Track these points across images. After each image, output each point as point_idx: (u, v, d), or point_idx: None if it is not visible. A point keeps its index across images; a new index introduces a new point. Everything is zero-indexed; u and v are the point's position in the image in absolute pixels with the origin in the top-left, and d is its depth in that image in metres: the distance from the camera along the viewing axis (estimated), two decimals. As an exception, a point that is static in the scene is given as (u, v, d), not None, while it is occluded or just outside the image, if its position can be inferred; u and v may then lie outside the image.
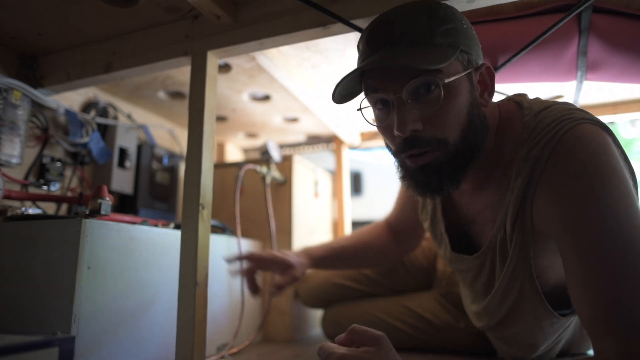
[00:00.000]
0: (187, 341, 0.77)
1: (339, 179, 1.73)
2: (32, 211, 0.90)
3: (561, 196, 0.61)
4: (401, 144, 0.66)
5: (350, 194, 1.73)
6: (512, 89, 1.09)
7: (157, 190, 1.36)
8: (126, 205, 1.29)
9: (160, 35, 0.95)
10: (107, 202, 0.79)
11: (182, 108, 1.43)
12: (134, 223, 0.87)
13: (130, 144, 1.28)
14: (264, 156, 1.31)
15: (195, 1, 0.80)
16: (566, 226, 0.60)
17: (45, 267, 0.74)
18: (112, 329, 0.77)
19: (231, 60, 1.11)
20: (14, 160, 0.98)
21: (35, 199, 1.01)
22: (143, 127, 1.39)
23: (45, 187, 1.08)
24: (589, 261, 0.57)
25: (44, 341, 0.58)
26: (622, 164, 0.62)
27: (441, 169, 0.66)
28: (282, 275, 0.95)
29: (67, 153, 1.16)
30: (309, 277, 1.30)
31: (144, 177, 1.32)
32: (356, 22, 0.77)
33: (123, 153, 1.25)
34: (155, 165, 1.37)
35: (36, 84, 1.07)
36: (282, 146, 1.87)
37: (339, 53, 1.09)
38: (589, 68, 0.91)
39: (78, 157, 1.16)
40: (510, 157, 0.69)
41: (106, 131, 1.24)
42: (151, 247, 0.86)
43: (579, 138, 0.61)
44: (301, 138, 1.78)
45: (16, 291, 0.75)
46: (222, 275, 1.09)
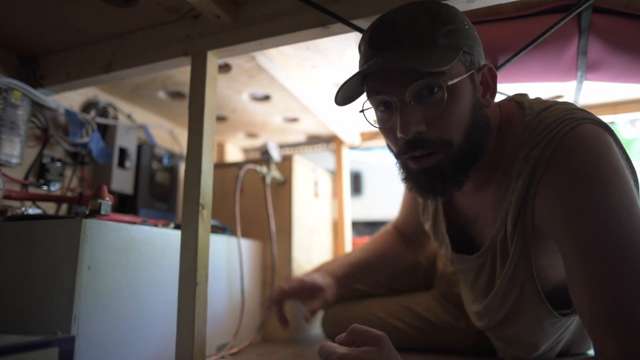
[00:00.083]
0: (187, 341, 0.77)
1: (339, 179, 1.73)
2: (32, 211, 0.90)
3: (562, 196, 0.61)
4: (404, 146, 0.66)
5: (350, 194, 1.73)
6: (512, 89, 1.09)
7: (157, 190, 1.36)
8: (126, 205, 1.29)
9: (160, 35, 0.95)
10: (107, 202, 0.79)
11: (182, 108, 1.43)
12: (134, 223, 0.87)
13: (130, 144, 1.28)
14: (264, 156, 1.31)
15: (195, 1, 0.80)
16: (567, 226, 0.60)
17: (45, 267, 0.74)
18: (112, 329, 0.76)
19: (231, 60, 1.11)
20: (14, 160, 0.98)
21: (35, 199, 1.01)
22: (143, 127, 1.39)
23: (45, 187, 1.08)
24: (590, 261, 0.57)
25: (44, 341, 0.58)
26: (623, 163, 0.62)
27: (445, 171, 0.66)
28: (312, 300, 0.92)
29: (67, 153, 1.16)
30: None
31: (144, 177, 1.32)
32: (356, 22, 0.77)
33: (123, 153, 1.25)
34: (155, 165, 1.36)
35: (36, 84, 1.07)
36: (282, 146, 1.87)
37: (339, 53, 1.09)
38: (589, 68, 0.91)
39: (78, 157, 1.16)
40: (511, 157, 0.69)
41: (106, 131, 1.24)
42: (151, 247, 0.86)
43: (580, 138, 0.61)
44: (301, 138, 1.78)
45: (16, 291, 0.75)
46: (222, 275, 1.09)
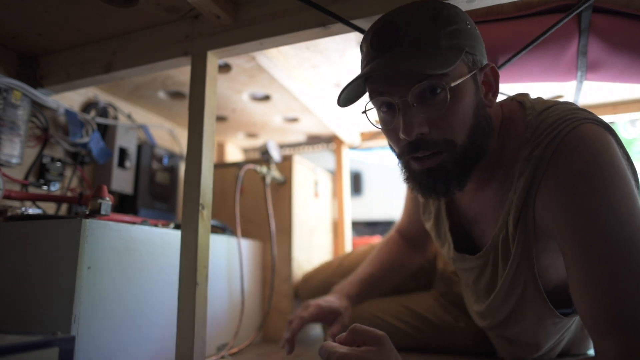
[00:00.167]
0: (187, 341, 0.77)
1: (339, 179, 1.73)
2: (32, 211, 0.90)
3: (563, 196, 0.61)
4: (406, 147, 0.66)
5: (350, 194, 1.73)
6: (513, 89, 1.09)
7: (157, 190, 1.36)
8: (126, 205, 1.29)
9: (160, 35, 0.95)
10: (107, 202, 0.79)
11: (182, 108, 1.43)
12: (134, 223, 0.87)
13: (130, 144, 1.28)
14: (264, 156, 1.31)
15: (195, 1, 0.80)
16: (568, 226, 0.60)
17: (45, 267, 0.74)
18: (112, 329, 0.76)
19: (231, 60, 1.11)
20: (14, 160, 0.98)
21: (35, 199, 1.01)
22: (143, 127, 1.39)
23: (45, 187, 1.08)
24: (592, 261, 0.57)
25: (44, 341, 0.58)
26: (624, 164, 0.62)
27: (448, 171, 0.66)
28: (331, 325, 0.93)
29: (67, 153, 1.16)
30: (309, 278, 1.30)
31: (144, 177, 1.32)
32: (356, 22, 0.77)
33: (123, 153, 1.25)
34: (155, 165, 1.36)
35: (36, 84, 1.07)
36: (282, 146, 1.87)
37: (339, 53, 1.08)
38: (589, 68, 0.91)
39: (78, 157, 1.16)
40: (513, 157, 0.69)
41: (106, 131, 1.24)
42: (151, 247, 0.86)
43: (581, 138, 0.61)
44: (301, 138, 1.77)
45: (16, 291, 0.75)
46: (222, 275, 1.09)
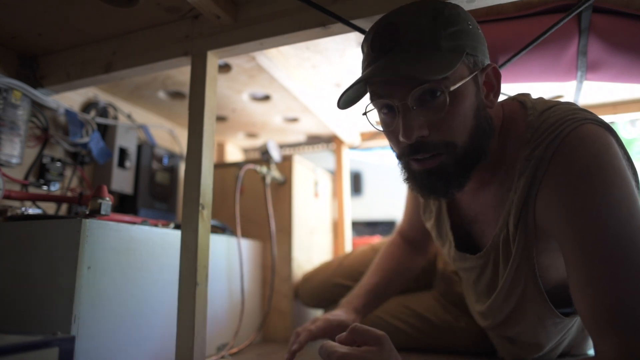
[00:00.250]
0: (187, 341, 0.77)
1: (339, 179, 1.73)
2: (32, 211, 0.90)
3: (564, 196, 0.61)
4: (406, 149, 0.66)
5: (350, 194, 1.73)
6: (513, 89, 1.09)
7: (157, 190, 1.36)
8: (126, 205, 1.29)
9: (160, 35, 0.95)
10: (107, 202, 0.79)
11: (182, 108, 1.43)
12: (134, 223, 0.87)
13: (130, 144, 1.28)
14: (264, 156, 1.31)
15: (195, 1, 0.80)
16: (568, 226, 0.60)
17: (45, 267, 0.74)
18: (112, 329, 0.76)
19: (231, 60, 1.11)
20: (14, 160, 0.98)
21: (35, 199, 1.01)
22: (143, 127, 1.39)
23: (45, 187, 1.08)
24: (592, 261, 0.58)
25: (44, 341, 0.58)
26: (625, 164, 0.62)
27: (448, 172, 0.66)
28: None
29: (67, 153, 1.16)
30: (309, 278, 1.30)
31: (144, 177, 1.32)
32: (356, 22, 0.77)
33: (123, 153, 1.25)
34: (155, 165, 1.36)
35: (36, 84, 1.07)
36: (282, 146, 1.87)
37: (339, 53, 1.08)
38: (589, 68, 0.91)
39: (78, 157, 1.16)
40: (513, 157, 0.69)
41: (106, 131, 1.24)
42: (151, 247, 0.86)
43: (582, 138, 0.61)
44: (301, 138, 1.77)
45: (16, 291, 0.75)
46: (222, 275, 1.09)
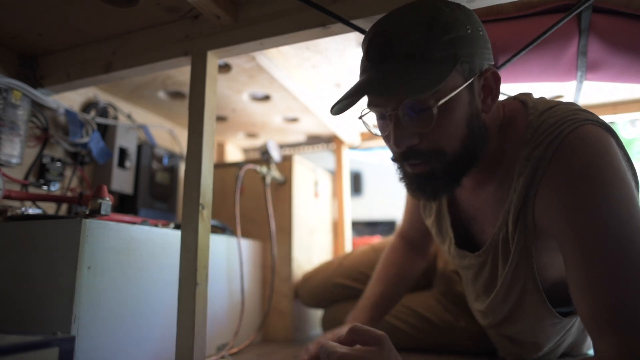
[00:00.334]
0: (187, 341, 0.77)
1: (339, 179, 1.73)
2: (32, 211, 0.90)
3: (564, 196, 0.61)
4: (398, 155, 0.68)
5: (350, 194, 1.73)
6: (513, 89, 1.09)
7: (157, 190, 1.36)
8: (126, 205, 1.29)
9: (160, 35, 0.95)
10: (107, 202, 0.79)
11: (182, 108, 1.43)
12: (134, 223, 0.87)
13: (130, 144, 1.28)
14: (264, 156, 1.31)
15: (195, 1, 0.80)
16: (568, 226, 0.60)
17: (45, 267, 0.74)
18: (112, 329, 0.76)
19: (231, 60, 1.11)
20: (14, 160, 0.98)
21: (35, 199, 1.01)
22: (143, 127, 1.39)
23: (45, 187, 1.08)
24: (592, 261, 0.58)
25: (44, 341, 0.58)
26: (624, 165, 0.62)
27: (437, 177, 0.67)
28: None
29: (67, 153, 1.16)
30: (309, 278, 1.30)
31: (144, 177, 1.32)
32: (356, 22, 0.77)
33: (123, 153, 1.25)
34: (155, 165, 1.36)
35: (36, 84, 1.07)
36: (282, 146, 1.87)
37: (339, 53, 1.08)
38: (589, 68, 0.91)
39: (78, 157, 1.16)
40: (513, 156, 0.69)
41: (106, 131, 1.24)
42: (151, 247, 0.86)
43: (582, 139, 0.61)
44: (301, 138, 1.78)
45: (16, 291, 0.75)
46: (222, 275, 1.09)
